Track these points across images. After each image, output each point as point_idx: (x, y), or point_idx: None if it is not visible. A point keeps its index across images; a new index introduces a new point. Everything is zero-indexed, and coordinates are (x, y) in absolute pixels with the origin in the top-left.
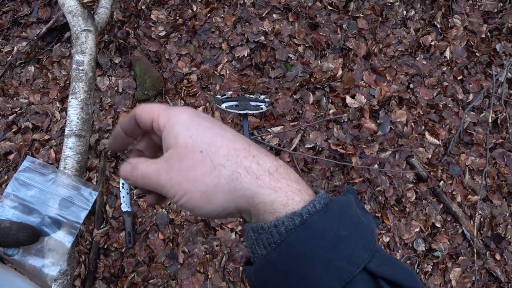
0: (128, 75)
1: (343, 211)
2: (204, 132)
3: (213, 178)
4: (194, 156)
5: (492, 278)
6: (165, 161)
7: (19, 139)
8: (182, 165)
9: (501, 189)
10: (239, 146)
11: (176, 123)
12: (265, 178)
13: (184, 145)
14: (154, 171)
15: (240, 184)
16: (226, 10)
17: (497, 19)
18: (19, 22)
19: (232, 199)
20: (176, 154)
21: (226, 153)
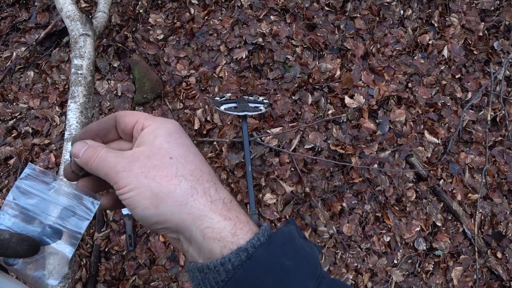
0: (127, 79)
1: (286, 242)
2: (181, 145)
3: (171, 185)
4: (163, 159)
5: (494, 277)
6: (132, 153)
7: (19, 143)
8: (149, 161)
9: (501, 187)
10: (205, 170)
11: (159, 127)
12: (218, 204)
13: (159, 146)
14: (114, 157)
15: (193, 201)
16: (224, 13)
17: (494, 17)
18: (18, 28)
19: (178, 213)
20: (147, 150)
21: (193, 169)
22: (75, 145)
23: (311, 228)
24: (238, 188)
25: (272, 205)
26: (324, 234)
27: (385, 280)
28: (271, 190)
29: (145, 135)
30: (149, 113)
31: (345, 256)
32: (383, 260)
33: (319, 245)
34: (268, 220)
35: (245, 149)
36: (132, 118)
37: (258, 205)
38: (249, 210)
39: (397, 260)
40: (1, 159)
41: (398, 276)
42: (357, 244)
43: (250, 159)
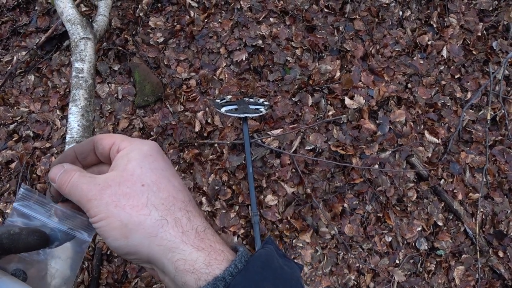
0: (128, 82)
1: (265, 266)
2: (154, 170)
3: (140, 215)
4: (134, 186)
5: (496, 276)
6: (104, 179)
7: (20, 147)
8: (119, 189)
9: (502, 186)
10: (179, 197)
11: (133, 150)
12: (190, 235)
13: (131, 171)
14: (86, 184)
15: (163, 233)
16: (223, 15)
17: (492, 17)
18: (18, 32)
19: (148, 245)
20: (118, 176)
21: (165, 197)
22: (52, 169)
23: (312, 229)
24: (239, 190)
25: (273, 206)
26: (326, 235)
27: (387, 280)
28: (272, 192)
29: (118, 158)
30: (149, 116)
31: (347, 257)
32: (385, 260)
33: (321, 246)
34: (270, 222)
35: (246, 151)
36: (108, 141)
37: (259, 206)
38: (251, 211)
39: (399, 260)
40: (3, 163)
41: (400, 276)
42: (358, 244)
43: (251, 160)
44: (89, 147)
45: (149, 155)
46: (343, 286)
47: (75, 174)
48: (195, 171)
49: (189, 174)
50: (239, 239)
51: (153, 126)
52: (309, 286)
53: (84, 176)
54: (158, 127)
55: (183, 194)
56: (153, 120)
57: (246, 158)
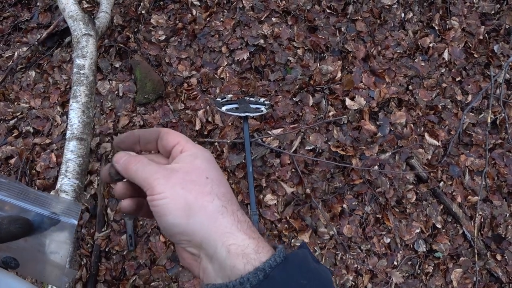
0: (129, 79)
1: (302, 263)
2: (216, 171)
3: (205, 200)
4: (200, 176)
5: (493, 279)
6: (171, 167)
7: (20, 143)
8: (187, 176)
9: (501, 189)
10: (233, 198)
11: (198, 153)
12: (244, 225)
13: (198, 165)
14: (155, 166)
15: (222, 219)
16: (226, 14)
17: (494, 21)
18: (20, 28)
19: (207, 227)
20: (186, 167)
21: (224, 192)
22: (120, 153)
23: (311, 229)
24: (239, 189)
25: (272, 206)
26: (325, 235)
27: (385, 282)
28: (271, 191)
29: (184, 156)
30: (149, 113)
31: (345, 257)
32: (383, 261)
33: (319, 246)
34: (269, 221)
35: (246, 150)
36: (175, 138)
37: (258, 205)
38: (250, 210)
39: (397, 262)
40: (2, 159)
41: (398, 277)
42: (357, 245)
43: (251, 160)
44: (154, 136)
45: (211, 159)
46: (341, 287)
47: (144, 159)
48: None
49: None
50: None
51: (153, 123)
52: None
53: (151, 162)
54: (158, 125)
55: (234, 197)
56: (154, 118)
57: (246, 157)
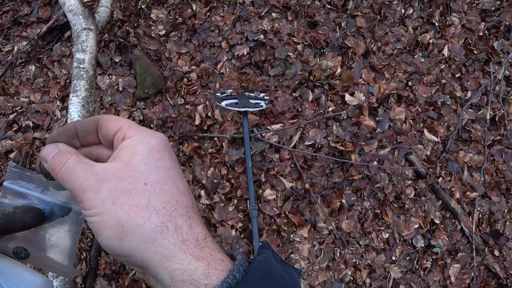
0: (128, 74)
1: (264, 275)
2: (160, 169)
3: (139, 217)
4: (136, 183)
5: (491, 274)
6: (104, 170)
7: (20, 137)
8: (119, 184)
9: (500, 185)
10: (182, 201)
11: (141, 142)
12: (190, 244)
13: (134, 166)
14: (83, 171)
15: (162, 240)
16: (226, 9)
17: (494, 17)
18: (20, 22)
19: (144, 250)
20: (121, 170)
21: (167, 201)
22: (46, 147)
23: (310, 224)
24: (238, 184)
25: (272, 201)
26: (323, 230)
27: (383, 277)
28: (271, 186)
29: (123, 148)
30: (149, 108)
31: (344, 252)
32: (381, 256)
33: (318, 241)
34: (268, 216)
35: (246, 145)
36: (115, 124)
37: (258, 200)
38: (249, 205)
39: (396, 257)
40: (2, 153)
41: (396, 272)
42: (356, 240)
43: (250, 155)
44: (92, 126)
45: (156, 151)
46: (340, 281)
47: (71, 157)
48: (194, 164)
49: (188, 167)
50: (237, 232)
51: (153, 118)
52: (305, 280)
53: (81, 162)
54: (158, 120)
55: (186, 198)
56: (153, 113)
57: (245, 152)
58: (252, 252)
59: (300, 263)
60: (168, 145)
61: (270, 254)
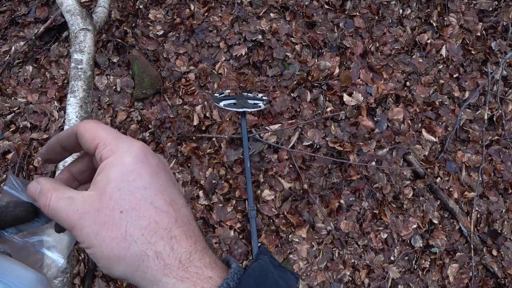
0: (126, 74)
1: (259, 282)
2: (135, 191)
3: (121, 248)
4: (112, 213)
5: (489, 274)
6: (82, 202)
7: (17, 138)
8: (97, 217)
9: (497, 185)
10: (163, 221)
11: (115, 165)
12: (173, 266)
13: (109, 195)
14: (65, 209)
15: (145, 268)
16: (224, 9)
17: (492, 18)
18: (17, 22)
19: (131, 276)
20: (97, 200)
21: (145, 226)
22: (29, 185)
23: (309, 225)
24: (236, 184)
25: (270, 201)
26: (322, 231)
27: (382, 277)
28: (269, 187)
29: (100, 172)
30: (147, 109)
31: (342, 253)
32: (380, 256)
33: (317, 241)
34: (266, 216)
35: (244, 146)
36: (93, 139)
37: (256, 201)
38: (248, 206)
39: (394, 257)
40: None
41: (395, 272)
42: (354, 240)
43: (248, 155)
44: (73, 140)
45: (130, 171)
46: (338, 282)
47: (52, 196)
48: (192, 165)
49: (186, 167)
50: (235, 233)
51: (151, 119)
52: (304, 281)
53: (62, 197)
54: (156, 120)
55: (167, 216)
56: (152, 113)
57: (243, 152)
58: (250, 253)
59: (298, 264)
60: (146, 156)
61: (267, 260)
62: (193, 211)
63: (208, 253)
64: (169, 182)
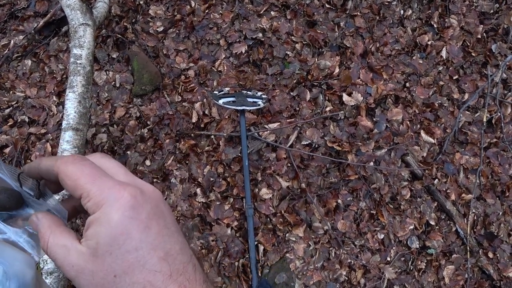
0: (126, 70)
1: None
2: (126, 254)
3: None
4: (106, 277)
5: (485, 276)
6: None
7: (15, 132)
8: (93, 279)
9: (495, 188)
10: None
11: (103, 224)
12: None
13: (101, 258)
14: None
15: None
16: (224, 7)
17: (493, 20)
18: (16, 16)
19: None
20: (90, 262)
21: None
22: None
23: (306, 224)
24: (234, 182)
25: (268, 200)
26: (319, 230)
27: (378, 277)
28: (267, 185)
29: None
30: (146, 105)
31: (339, 252)
32: (376, 257)
33: (314, 241)
34: (264, 215)
35: (243, 144)
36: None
37: (254, 199)
38: (245, 204)
39: (390, 258)
40: None
41: (391, 273)
42: (351, 240)
43: (247, 153)
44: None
45: (119, 234)
46: (334, 281)
47: (49, 240)
48: (190, 162)
49: (184, 164)
50: (232, 231)
51: (150, 115)
52: (300, 280)
53: (57, 244)
54: (155, 117)
55: (161, 274)
56: (150, 110)
57: (242, 150)
58: (247, 251)
59: (295, 263)
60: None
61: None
62: (190, 209)
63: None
64: (163, 231)
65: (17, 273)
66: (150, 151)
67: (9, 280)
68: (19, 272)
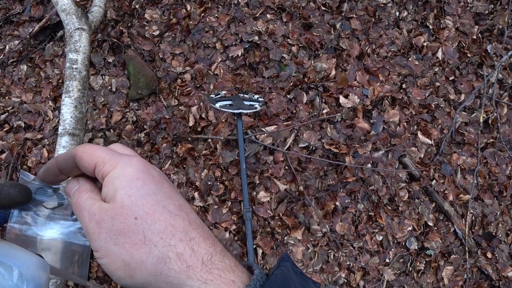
0: (122, 74)
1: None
2: (145, 197)
3: (141, 254)
4: (127, 221)
5: (484, 276)
6: (99, 210)
7: (11, 138)
8: (113, 225)
9: (492, 188)
10: (178, 224)
11: (119, 176)
12: (196, 268)
13: (120, 203)
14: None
15: (168, 270)
16: (220, 10)
17: (488, 21)
18: (11, 21)
19: (155, 283)
20: (110, 209)
21: (162, 230)
22: (69, 183)
23: (304, 227)
24: (232, 186)
25: (265, 203)
26: (317, 233)
27: (377, 279)
28: (265, 188)
29: (105, 186)
30: (143, 109)
31: (337, 255)
32: (375, 259)
33: (312, 243)
34: (262, 218)
35: (240, 147)
36: (90, 161)
37: (252, 202)
38: (243, 207)
39: (389, 259)
40: None
41: (390, 274)
42: (349, 242)
43: (244, 157)
44: (71, 164)
45: (136, 179)
46: (333, 284)
47: (84, 196)
48: (188, 166)
49: (182, 168)
50: (230, 235)
51: (146, 119)
52: None
53: (89, 198)
54: (151, 121)
55: (181, 219)
56: (147, 114)
57: (239, 154)
58: (246, 255)
59: None
60: (147, 167)
61: (289, 267)
62: None
63: (227, 255)
64: (174, 190)
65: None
66: (147, 155)
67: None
68: (34, 275)
